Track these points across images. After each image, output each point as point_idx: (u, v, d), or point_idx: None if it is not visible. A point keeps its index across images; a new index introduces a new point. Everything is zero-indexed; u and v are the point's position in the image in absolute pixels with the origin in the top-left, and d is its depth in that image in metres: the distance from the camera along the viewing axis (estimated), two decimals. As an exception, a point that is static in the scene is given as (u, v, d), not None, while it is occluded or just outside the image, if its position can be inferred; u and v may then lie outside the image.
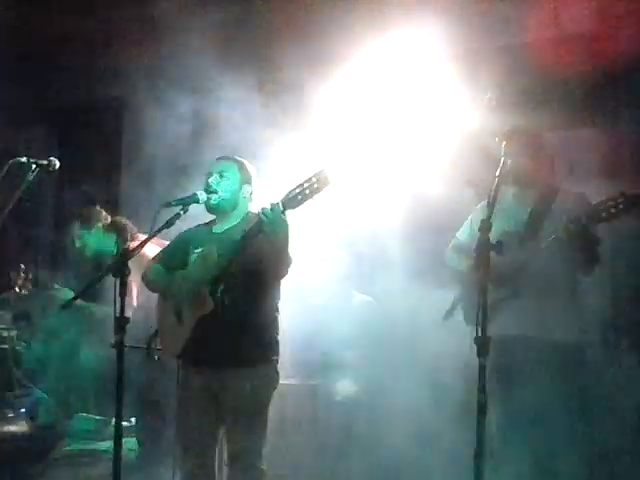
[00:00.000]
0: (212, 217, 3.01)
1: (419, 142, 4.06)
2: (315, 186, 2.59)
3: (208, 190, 2.89)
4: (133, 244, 3.59)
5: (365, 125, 4.05)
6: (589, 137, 4.14)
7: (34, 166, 3.29)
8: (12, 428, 4.28)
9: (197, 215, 2.97)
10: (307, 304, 4.34)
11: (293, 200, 2.61)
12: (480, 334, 2.31)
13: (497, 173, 2.51)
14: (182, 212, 2.81)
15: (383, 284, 4.36)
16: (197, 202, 2.86)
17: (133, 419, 4.11)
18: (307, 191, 2.59)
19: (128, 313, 2.53)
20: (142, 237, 3.77)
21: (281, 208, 2.61)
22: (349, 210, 3.93)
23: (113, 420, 2.53)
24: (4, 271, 4.88)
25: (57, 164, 3.36)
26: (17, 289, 5.49)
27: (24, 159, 3.27)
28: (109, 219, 4.31)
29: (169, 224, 2.84)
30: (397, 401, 3.74)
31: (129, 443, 4.01)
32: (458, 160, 4.01)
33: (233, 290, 2.77)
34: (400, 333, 4.08)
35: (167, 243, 3.14)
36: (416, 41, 3.93)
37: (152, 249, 3.20)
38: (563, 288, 3.01)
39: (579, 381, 3.00)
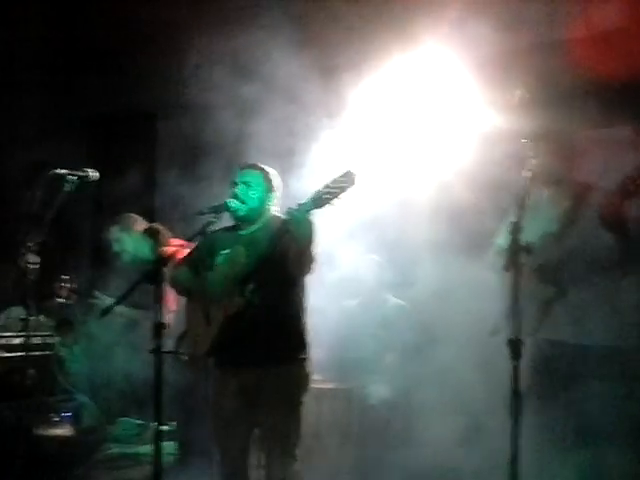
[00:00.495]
0: None
1: (450, 143, 4.04)
2: (342, 185, 2.63)
3: (237, 200, 2.95)
4: (168, 249, 3.67)
5: (397, 125, 4.06)
6: (624, 135, 4.07)
7: (72, 177, 3.37)
8: (57, 431, 4.39)
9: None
10: (341, 308, 4.37)
11: (320, 200, 2.65)
12: (513, 336, 2.32)
13: (526, 174, 2.50)
14: (215, 220, 2.87)
15: (417, 288, 4.36)
16: (229, 210, 2.93)
17: (174, 423, 4.17)
18: (334, 191, 2.63)
19: (167, 318, 2.58)
20: (176, 242, 3.86)
21: (308, 208, 2.66)
22: (383, 213, 3.94)
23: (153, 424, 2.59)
24: (47, 281, 5.02)
25: (95, 175, 3.43)
26: (61, 299, 5.65)
27: (62, 171, 3.36)
28: (146, 225, 4.40)
29: (202, 231, 2.91)
30: (432, 404, 3.73)
31: (168, 447, 4.08)
32: (489, 161, 3.99)
33: (262, 289, 2.82)
34: (434, 336, 4.08)
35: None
36: (447, 42, 3.92)
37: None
38: (603, 288, 2.96)
39: (624, 386, 2.95)
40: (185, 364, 3.33)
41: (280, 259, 2.78)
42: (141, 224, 4.39)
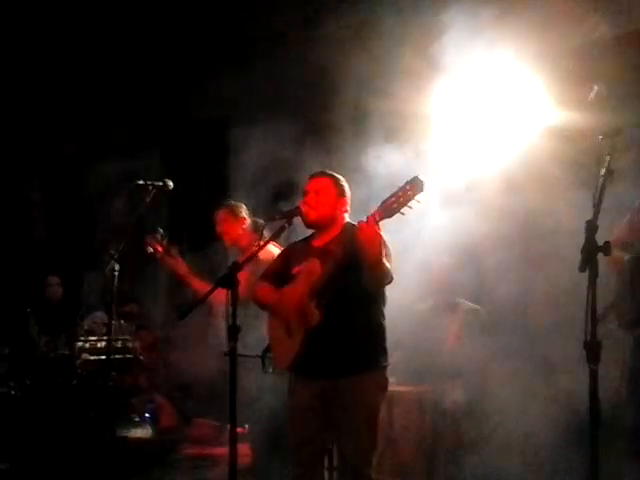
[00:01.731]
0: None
1: (524, 140, 3.96)
2: (409, 194, 2.61)
3: (308, 206, 2.98)
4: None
5: (471, 123, 4.02)
6: None
7: (151, 188, 3.55)
8: (138, 432, 4.57)
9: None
10: (413, 311, 4.35)
11: (388, 209, 2.64)
12: (589, 339, 2.24)
13: (602, 172, 2.43)
14: (287, 225, 2.92)
15: (489, 290, 4.28)
16: (300, 215, 2.97)
17: (247, 425, 4.24)
18: (402, 199, 2.62)
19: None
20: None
21: (377, 218, 2.66)
22: (454, 214, 3.90)
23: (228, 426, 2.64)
24: (127, 287, 5.21)
25: (171, 185, 3.61)
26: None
27: (142, 182, 3.55)
28: (250, 218, 4.50)
29: (275, 237, 2.96)
30: (507, 408, 3.66)
31: (242, 449, 4.14)
32: (564, 159, 3.88)
33: (339, 300, 2.83)
34: (509, 339, 4.00)
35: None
36: (522, 37, 3.84)
37: (273, 252, 3.35)
38: None
39: None
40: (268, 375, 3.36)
41: (354, 270, 2.77)
42: (246, 214, 4.49)
